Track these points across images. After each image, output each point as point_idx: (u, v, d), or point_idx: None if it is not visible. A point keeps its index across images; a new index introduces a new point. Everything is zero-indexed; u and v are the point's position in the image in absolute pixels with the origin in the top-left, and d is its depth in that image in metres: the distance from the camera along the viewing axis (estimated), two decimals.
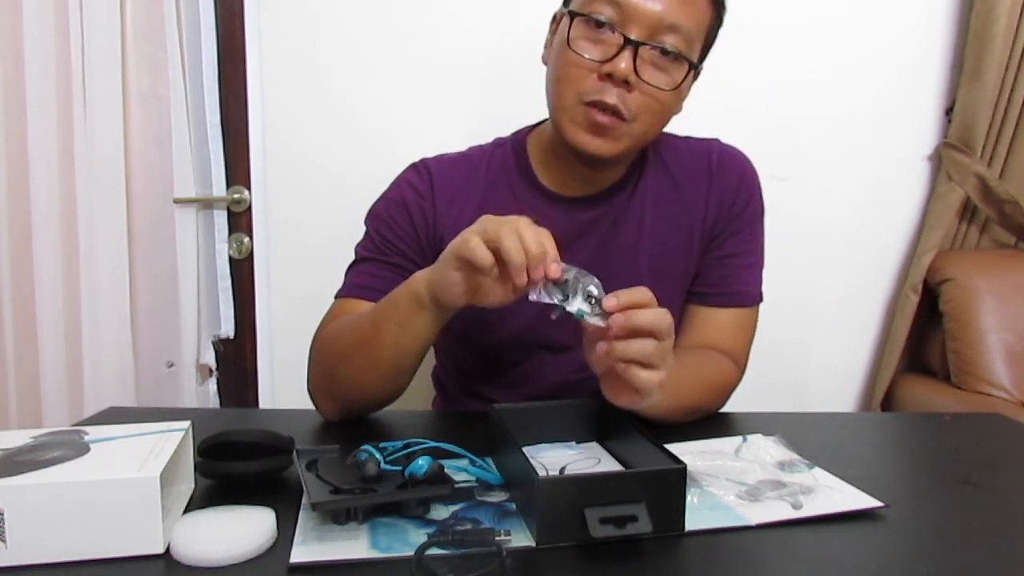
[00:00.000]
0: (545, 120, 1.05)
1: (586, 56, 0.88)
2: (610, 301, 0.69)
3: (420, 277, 0.82)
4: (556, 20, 0.98)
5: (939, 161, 1.75)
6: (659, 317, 0.70)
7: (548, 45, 0.99)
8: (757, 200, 1.05)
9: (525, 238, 0.70)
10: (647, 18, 0.87)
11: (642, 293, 0.71)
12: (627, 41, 0.87)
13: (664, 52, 0.88)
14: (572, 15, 0.89)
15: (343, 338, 0.91)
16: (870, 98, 1.74)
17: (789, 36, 1.71)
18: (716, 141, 1.07)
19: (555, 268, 0.70)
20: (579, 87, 0.89)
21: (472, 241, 0.72)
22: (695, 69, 0.92)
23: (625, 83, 0.87)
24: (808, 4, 1.71)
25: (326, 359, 0.93)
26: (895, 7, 1.71)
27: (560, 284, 0.71)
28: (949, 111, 1.74)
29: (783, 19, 1.70)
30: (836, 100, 1.74)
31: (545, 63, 0.98)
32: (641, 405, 0.78)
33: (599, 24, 0.88)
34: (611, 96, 0.88)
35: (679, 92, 0.93)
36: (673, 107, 0.94)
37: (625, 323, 0.69)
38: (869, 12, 1.71)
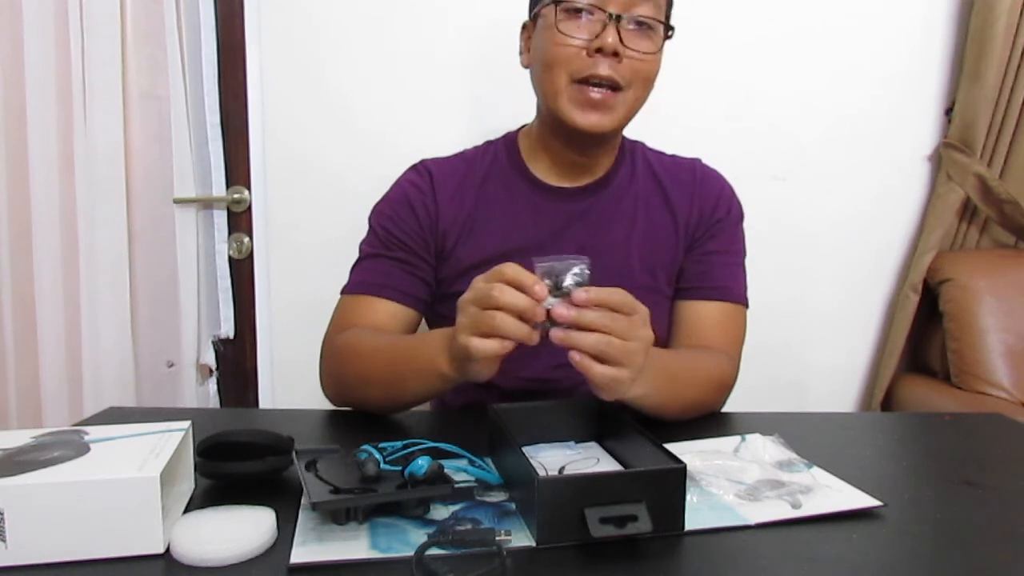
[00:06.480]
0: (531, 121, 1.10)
1: (574, 36, 0.94)
2: (580, 295, 0.70)
3: (445, 359, 0.81)
4: (527, 29, 1.05)
5: (939, 161, 1.75)
6: (614, 319, 0.70)
7: (524, 51, 1.06)
8: (737, 207, 1.13)
9: (507, 278, 0.70)
10: None
11: (618, 294, 0.72)
12: (609, 17, 0.93)
13: (641, 23, 0.95)
14: (556, 2, 0.95)
15: (363, 364, 0.94)
16: (870, 98, 1.74)
17: (790, 37, 1.71)
18: (698, 160, 1.15)
19: (539, 289, 0.70)
20: (570, 67, 0.95)
21: (472, 344, 0.72)
22: (669, 31, 0.99)
23: (615, 55, 0.93)
24: (808, 5, 1.70)
25: (341, 371, 0.98)
26: (895, 7, 1.71)
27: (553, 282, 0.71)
28: (949, 111, 1.74)
29: (784, 20, 1.70)
30: (836, 101, 1.74)
31: (526, 67, 1.05)
32: (614, 397, 0.76)
33: (579, 11, 0.94)
34: (604, 68, 0.94)
35: (660, 55, 0.99)
36: (656, 71, 1.00)
37: (576, 316, 0.69)
38: (869, 13, 1.71)
